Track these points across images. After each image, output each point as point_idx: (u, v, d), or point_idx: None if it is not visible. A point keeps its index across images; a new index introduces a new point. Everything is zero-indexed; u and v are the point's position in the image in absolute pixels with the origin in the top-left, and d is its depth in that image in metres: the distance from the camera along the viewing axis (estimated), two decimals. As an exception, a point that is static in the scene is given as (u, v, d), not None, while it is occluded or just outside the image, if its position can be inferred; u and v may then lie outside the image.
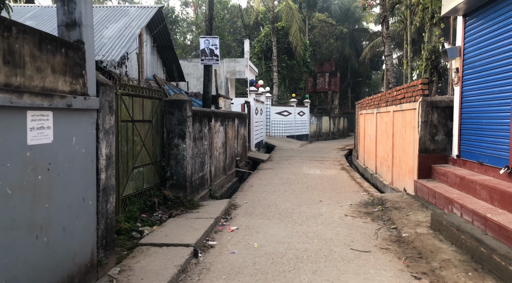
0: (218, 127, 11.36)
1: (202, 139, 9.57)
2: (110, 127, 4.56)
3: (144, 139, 7.21)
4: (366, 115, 14.72)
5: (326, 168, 14.50)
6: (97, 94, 4.29)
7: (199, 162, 9.25)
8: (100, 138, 4.31)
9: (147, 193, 7.38)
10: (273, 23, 30.64)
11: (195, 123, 8.87)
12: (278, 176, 12.64)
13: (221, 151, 11.83)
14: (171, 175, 7.95)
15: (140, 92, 7.05)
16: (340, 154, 20.61)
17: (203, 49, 11.14)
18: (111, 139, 4.60)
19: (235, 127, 14.09)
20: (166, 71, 13.78)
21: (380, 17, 16.62)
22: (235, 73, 20.65)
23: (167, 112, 7.91)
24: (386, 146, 11.27)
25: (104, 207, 4.41)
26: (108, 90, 4.53)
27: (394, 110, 10.33)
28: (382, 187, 11.06)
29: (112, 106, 4.65)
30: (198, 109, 9.17)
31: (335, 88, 39.31)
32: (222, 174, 11.95)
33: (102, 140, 4.35)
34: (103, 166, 4.38)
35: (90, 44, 4.11)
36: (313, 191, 9.94)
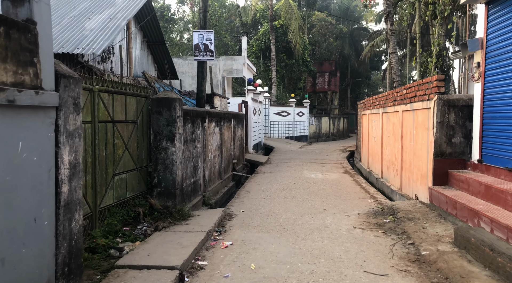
0: (213, 128, 10.56)
1: (195, 141, 8.76)
2: (75, 129, 3.74)
3: (127, 142, 6.40)
4: (371, 116, 13.93)
5: (328, 172, 13.70)
6: (57, 88, 3.47)
7: (191, 166, 8.44)
8: (61, 143, 3.49)
9: (131, 203, 6.57)
10: (272, 21, 29.81)
11: (186, 124, 8.07)
12: (278, 180, 11.84)
13: (216, 154, 11.02)
14: (159, 182, 7.13)
15: (122, 89, 6.23)
16: (342, 156, 19.83)
17: (196, 44, 10.33)
18: (76, 143, 3.79)
19: (232, 128, 13.29)
20: (157, 68, 12.95)
21: (384, 12, 15.89)
22: (232, 72, 19.83)
23: (154, 111, 7.10)
24: (393, 149, 10.48)
25: (66, 227, 3.59)
26: (73, 84, 3.71)
27: (403, 110, 9.54)
28: (389, 193, 10.27)
29: (78, 103, 3.84)
30: (190, 109, 8.36)
31: (334, 88, 38.55)
32: (218, 178, 11.14)
33: (63, 145, 3.54)
34: (65, 177, 3.57)
35: (45, 25, 3.29)
36: (315, 198, 9.14)
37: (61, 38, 8.47)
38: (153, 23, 11.73)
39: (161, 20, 31.79)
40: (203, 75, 10.38)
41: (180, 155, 7.37)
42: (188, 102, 11.73)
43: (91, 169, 5.37)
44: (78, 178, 3.84)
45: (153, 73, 12.60)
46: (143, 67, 11.81)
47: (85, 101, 5.22)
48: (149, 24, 11.69)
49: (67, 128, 3.59)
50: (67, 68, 3.72)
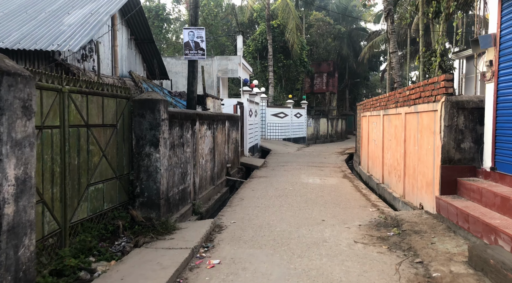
0: (205, 131, 9.95)
1: (184, 145, 8.16)
2: (25, 137, 3.14)
3: (104, 148, 5.79)
4: (371, 118, 13.35)
5: (326, 176, 13.10)
6: (-1, 88, 2.87)
7: (179, 173, 7.83)
8: (3, 154, 2.88)
9: (110, 215, 5.96)
10: (269, 20, 29.20)
11: (173, 127, 7.47)
12: (273, 186, 11.23)
13: (208, 159, 10.42)
14: (141, 192, 6.52)
15: (98, 89, 5.62)
16: (340, 159, 19.25)
17: (187, 42, 9.73)
18: (27, 154, 3.18)
19: (226, 131, 12.69)
20: (147, 67, 12.33)
21: (384, 10, 15.34)
22: (227, 72, 19.22)
23: (136, 114, 6.49)
24: (395, 153, 9.89)
25: (11, 256, 2.98)
26: (22, 83, 3.11)
27: (406, 112, 8.95)
28: (391, 200, 9.68)
29: (30, 106, 3.23)
30: (178, 111, 7.76)
31: (333, 89, 37.98)
32: (210, 184, 10.53)
33: (7, 157, 2.93)
34: (9, 195, 2.96)
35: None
36: (313, 206, 8.54)
37: (36, 34, 7.82)
38: (141, 20, 11.11)
39: (156, 20, 31.19)
40: (194, 75, 9.77)
41: (165, 162, 6.76)
42: (178, 103, 11.12)
43: (59, 180, 4.76)
44: (30, 195, 3.23)
45: (141, 73, 11.98)
46: (130, 67, 11.19)
47: (51, 103, 4.61)
48: (136, 21, 11.05)
49: (13, 136, 2.98)
50: (13, 64, 3.11)
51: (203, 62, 18.89)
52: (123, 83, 9.03)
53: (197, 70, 9.74)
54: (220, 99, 14.57)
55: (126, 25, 11.01)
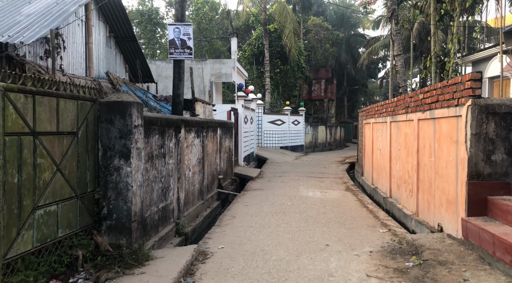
0: (192, 140, 8.87)
1: (165, 156, 7.06)
2: None
3: (60, 161, 4.69)
4: (376, 125, 12.30)
5: (327, 189, 12.01)
6: None
7: (158, 189, 6.73)
8: None
9: (66, 244, 4.84)
10: (265, 24, 28.26)
11: (151, 135, 6.38)
12: (269, 200, 10.13)
13: (197, 170, 9.32)
14: (109, 213, 5.41)
15: (52, 88, 4.54)
16: (341, 168, 18.16)
17: (172, 40, 8.68)
18: None
19: (218, 139, 11.61)
20: (129, 69, 11.25)
21: (388, 11, 14.42)
22: (221, 76, 18.17)
23: (103, 119, 5.40)
24: (406, 165, 8.83)
25: None
26: None
27: (419, 119, 7.91)
28: (402, 218, 8.59)
29: None
30: (157, 116, 6.67)
31: (331, 96, 37.02)
32: (198, 199, 9.43)
33: None
34: None
35: None
36: (315, 226, 7.43)
37: (-15, 23, 6.77)
38: (121, 15, 10.03)
39: (149, 24, 30.23)
40: (180, 77, 8.71)
41: (139, 177, 5.66)
42: (164, 108, 10.05)
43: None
44: None
45: (122, 74, 10.89)
46: (109, 67, 10.11)
47: (-24, 104, 3.53)
48: (116, 15, 9.97)
49: None
50: None
51: (195, 66, 17.87)
52: (98, 85, 7.96)
53: (184, 71, 8.69)
54: (212, 104, 13.50)
55: (104, 21, 9.92)
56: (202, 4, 29.22)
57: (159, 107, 10.00)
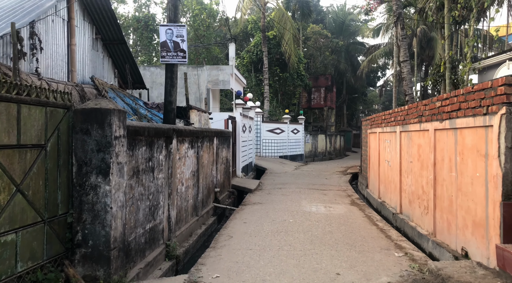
0: (185, 151, 8.09)
1: (153, 170, 6.28)
2: None
3: (21, 180, 3.91)
4: (382, 135, 11.56)
5: (331, 203, 11.21)
6: None
7: (145, 207, 5.93)
8: None
9: (28, 279, 4.03)
10: (264, 31, 27.64)
11: (137, 147, 5.61)
12: (270, 216, 9.33)
13: (190, 184, 8.53)
14: (84, 239, 4.61)
15: (10, 93, 3.77)
16: (343, 179, 17.38)
17: (163, 42, 7.95)
18: None
19: (214, 149, 10.84)
20: (119, 74, 10.48)
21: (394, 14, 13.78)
22: (218, 83, 17.45)
23: (78, 130, 4.63)
24: (420, 179, 8.06)
25: None
26: None
27: (436, 129, 7.16)
28: (415, 237, 7.80)
29: None
30: (144, 125, 5.89)
31: (331, 104, 36.34)
32: (192, 215, 8.62)
33: None
34: None
35: None
36: (322, 249, 6.63)
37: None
38: (108, 15, 9.26)
39: (145, 31, 29.58)
40: (173, 82, 7.97)
41: (121, 196, 4.87)
42: (155, 117, 9.29)
43: None
44: None
45: (111, 80, 10.12)
46: (96, 72, 9.34)
47: None
48: (103, 16, 9.21)
49: None
50: None
51: (191, 72, 17.16)
52: (81, 91, 7.20)
53: (177, 77, 7.94)
54: (208, 112, 12.74)
55: (90, 21, 9.16)
56: (199, 10, 28.62)
57: (150, 115, 9.25)
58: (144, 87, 11.61)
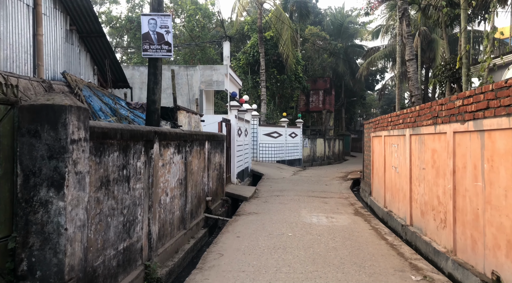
0: (170, 157, 7.16)
1: (129, 180, 5.35)
2: None
3: None
4: (389, 138, 10.67)
5: (333, 212, 10.29)
6: None
7: (118, 224, 5.00)
8: None
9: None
10: (261, 31, 26.77)
11: (106, 153, 4.68)
12: (266, 229, 8.40)
13: (177, 194, 7.60)
14: (31, 269, 3.66)
15: None
16: (344, 186, 16.47)
17: (146, 33, 7.05)
18: None
19: (205, 154, 9.92)
20: (99, 71, 9.51)
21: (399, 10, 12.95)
22: (212, 84, 16.52)
23: (25, 131, 3.70)
24: (435, 188, 7.16)
25: None
26: None
27: (456, 131, 6.27)
28: (430, 254, 6.89)
29: None
30: (116, 127, 4.96)
31: (329, 108, 35.48)
32: (178, 229, 7.68)
33: None
34: None
35: None
36: (326, 271, 5.70)
37: None
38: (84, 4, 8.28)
39: (139, 31, 28.62)
40: (156, 79, 7.06)
41: (81, 213, 3.93)
42: (138, 118, 8.36)
43: None
44: None
45: (89, 77, 9.16)
46: (71, 68, 8.40)
47: None
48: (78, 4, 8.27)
49: None
50: None
51: (183, 72, 16.25)
52: (49, 88, 6.28)
53: (161, 72, 7.03)
54: (199, 114, 11.81)
55: (63, 10, 8.19)
56: (194, 11, 27.72)
57: (132, 117, 8.32)
58: (127, 86, 10.66)
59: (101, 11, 30.50)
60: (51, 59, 7.69)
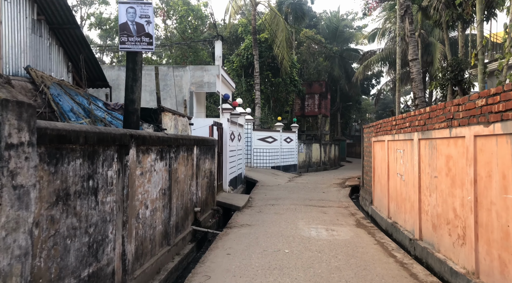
0: (151, 164, 6.30)
1: (97, 193, 4.49)
2: None
3: None
4: (392, 143, 9.88)
5: (334, 224, 9.46)
6: None
7: (80, 247, 4.13)
8: None
9: None
10: (255, 33, 26.01)
11: (64, 161, 3.83)
12: (260, 244, 7.54)
13: (159, 206, 6.73)
14: (-51, 316, 2.78)
15: None
16: (343, 193, 15.65)
17: (123, 24, 6.20)
18: None
19: (194, 161, 9.06)
20: (73, 68, 8.61)
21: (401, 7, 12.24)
22: (203, 86, 15.65)
23: None
24: (450, 199, 6.35)
25: None
26: None
27: (477, 135, 5.47)
28: (446, 274, 6.06)
29: None
30: (78, 128, 4.09)
31: (325, 112, 34.74)
32: (160, 245, 6.79)
33: None
34: None
35: None
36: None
37: None
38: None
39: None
40: (135, 76, 6.21)
41: (21, 238, 3.06)
42: (116, 120, 7.48)
43: None
44: None
45: (61, 74, 8.27)
46: (39, 63, 7.52)
47: None
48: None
49: None
50: None
51: (173, 73, 15.42)
52: (7, 84, 5.42)
53: (141, 68, 6.19)
54: (188, 117, 10.95)
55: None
56: (186, 11, 26.91)
57: (110, 119, 7.45)
58: (106, 85, 9.77)
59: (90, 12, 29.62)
60: (13, 52, 6.80)
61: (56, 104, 6.32)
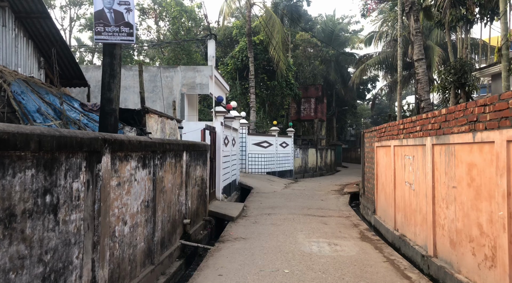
0: (131, 173, 5.45)
1: (57, 210, 3.65)
2: None
3: None
4: (400, 149, 9.09)
5: (336, 237, 8.63)
6: None
7: (31, 280, 3.26)
8: None
9: None
10: (250, 35, 25.23)
11: (7, 173, 2.97)
12: (256, 262, 6.69)
13: (141, 220, 5.87)
14: None
15: None
16: (342, 201, 14.85)
17: (99, 11, 5.37)
18: None
19: (183, 168, 8.22)
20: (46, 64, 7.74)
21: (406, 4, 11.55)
22: (195, 87, 14.79)
23: None
24: (475, 213, 5.56)
25: None
26: None
27: (510, 139, 4.69)
28: (474, 301, 5.25)
29: None
30: (29, 131, 3.23)
31: (321, 116, 34.02)
32: (143, 265, 5.92)
33: None
34: None
35: None
36: None
37: None
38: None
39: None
40: (113, 72, 5.37)
41: None
42: (93, 123, 6.63)
43: None
44: None
45: (31, 71, 7.39)
46: (4, 57, 6.65)
47: None
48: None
49: None
50: None
51: (163, 74, 14.58)
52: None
53: (120, 63, 5.36)
54: (177, 120, 10.09)
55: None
56: (178, 12, 26.10)
57: (86, 121, 6.59)
58: (84, 84, 8.90)
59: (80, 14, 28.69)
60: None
61: (18, 103, 5.48)
